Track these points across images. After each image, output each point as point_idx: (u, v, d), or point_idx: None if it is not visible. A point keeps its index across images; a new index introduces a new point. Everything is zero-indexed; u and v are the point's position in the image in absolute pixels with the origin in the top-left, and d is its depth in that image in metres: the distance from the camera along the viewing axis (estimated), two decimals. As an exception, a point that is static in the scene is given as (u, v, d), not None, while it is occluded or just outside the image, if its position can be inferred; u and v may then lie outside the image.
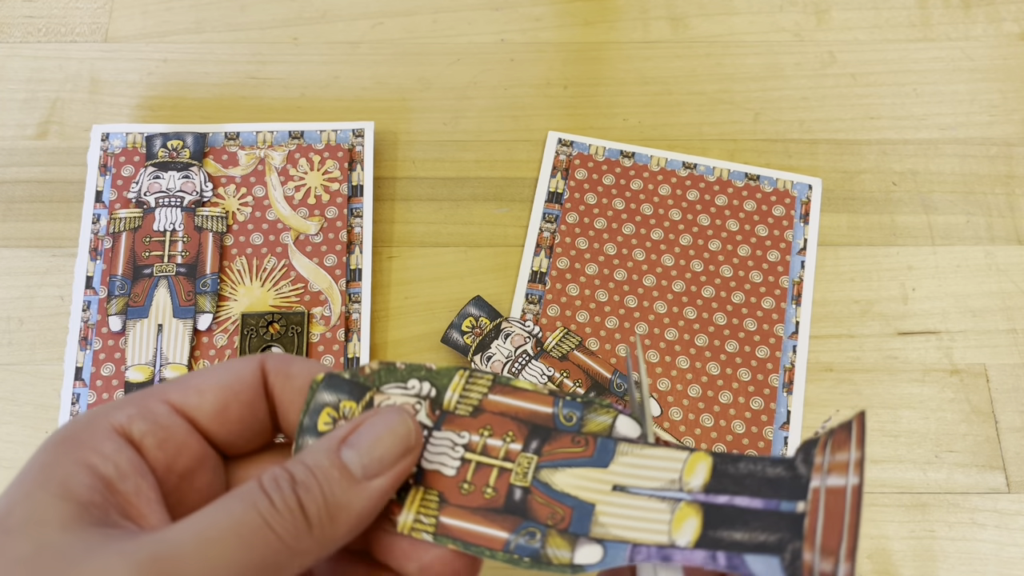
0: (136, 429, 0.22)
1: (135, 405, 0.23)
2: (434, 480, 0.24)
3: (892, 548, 0.40)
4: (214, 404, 0.23)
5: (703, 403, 0.42)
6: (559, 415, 0.25)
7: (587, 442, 0.24)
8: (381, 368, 0.25)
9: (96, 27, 0.51)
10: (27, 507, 0.20)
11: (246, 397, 0.24)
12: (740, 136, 0.48)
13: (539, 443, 0.24)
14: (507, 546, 0.23)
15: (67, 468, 0.21)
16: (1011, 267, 0.45)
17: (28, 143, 0.48)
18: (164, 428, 0.23)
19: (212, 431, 0.24)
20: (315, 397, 0.25)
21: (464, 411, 0.25)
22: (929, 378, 0.43)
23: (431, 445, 0.25)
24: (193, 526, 0.20)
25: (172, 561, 0.19)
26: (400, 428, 0.23)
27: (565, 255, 0.45)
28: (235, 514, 0.20)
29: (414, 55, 0.50)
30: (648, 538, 0.22)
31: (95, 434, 0.22)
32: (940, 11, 0.51)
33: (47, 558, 0.19)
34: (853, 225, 0.46)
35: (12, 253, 0.45)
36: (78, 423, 0.22)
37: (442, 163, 0.48)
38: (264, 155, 0.46)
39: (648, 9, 0.52)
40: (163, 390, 0.23)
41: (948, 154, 0.48)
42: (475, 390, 0.25)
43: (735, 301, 0.44)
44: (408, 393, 0.25)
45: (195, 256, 0.44)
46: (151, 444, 0.22)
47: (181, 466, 0.23)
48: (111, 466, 0.21)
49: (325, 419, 0.24)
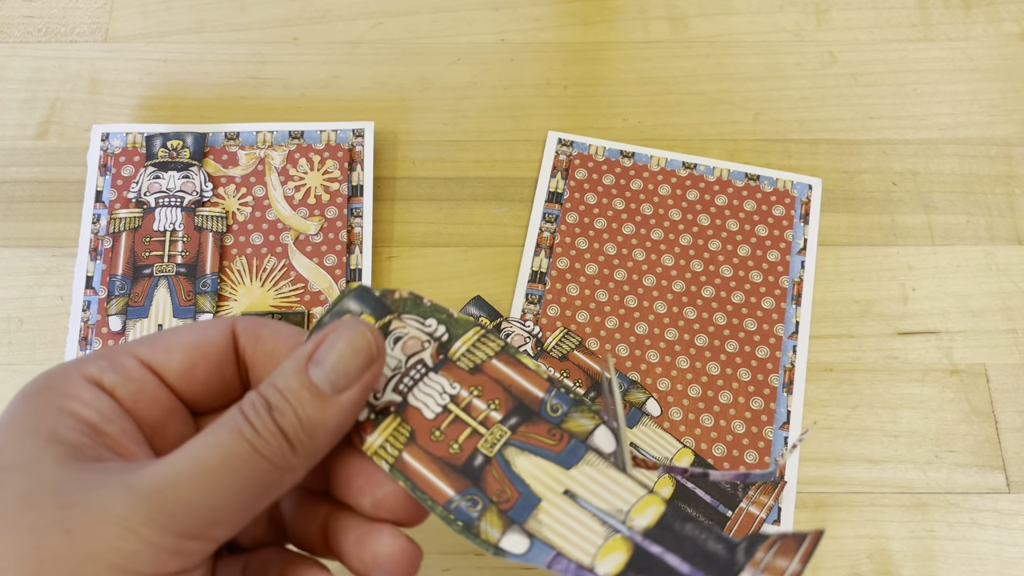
0: (108, 380, 0.23)
1: (105, 358, 0.23)
2: (412, 416, 0.25)
3: (892, 548, 0.40)
4: (181, 363, 0.24)
5: (703, 403, 0.42)
6: (548, 402, 0.25)
7: (562, 438, 0.24)
8: (410, 298, 0.26)
9: (96, 27, 0.51)
10: (18, 450, 0.21)
11: (214, 359, 0.25)
12: (740, 136, 0.48)
13: (518, 421, 0.25)
14: (448, 504, 0.24)
15: (51, 415, 0.22)
16: (1011, 267, 0.45)
17: (28, 143, 0.48)
18: (134, 381, 0.23)
19: (179, 388, 0.24)
20: (341, 302, 0.26)
21: (465, 365, 0.25)
22: (929, 378, 0.43)
23: (424, 384, 0.25)
24: (187, 456, 0.21)
25: (172, 490, 0.20)
26: (359, 341, 0.23)
27: (565, 255, 0.45)
28: (224, 443, 0.21)
29: (414, 55, 0.50)
30: (574, 552, 0.23)
31: (71, 384, 0.23)
32: (940, 11, 0.51)
33: (48, 491, 0.20)
34: (853, 225, 0.46)
35: (12, 253, 0.45)
36: (51, 375, 0.23)
37: (442, 163, 0.48)
38: (264, 155, 0.46)
39: (648, 9, 0.52)
40: (132, 347, 0.24)
41: (948, 154, 0.48)
42: (482, 350, 0.26)
43: (735, 301, 0.44)
44: (423, 329, 0.26)
45: (195, 256, 0.44)
46: (124, 395, 0.23)
47: (153, 417, 0.24)
48: (93, 411, 0.22)
49: None
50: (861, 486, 0.41)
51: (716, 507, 0.39)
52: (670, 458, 0.40)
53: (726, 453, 0.41)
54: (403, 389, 0.25)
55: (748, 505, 0.39)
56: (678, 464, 0.40)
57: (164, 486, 0.20)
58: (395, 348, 0.26)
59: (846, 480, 0.41)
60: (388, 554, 0.24)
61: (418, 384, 0.25)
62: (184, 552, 0.20)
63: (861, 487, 0.41)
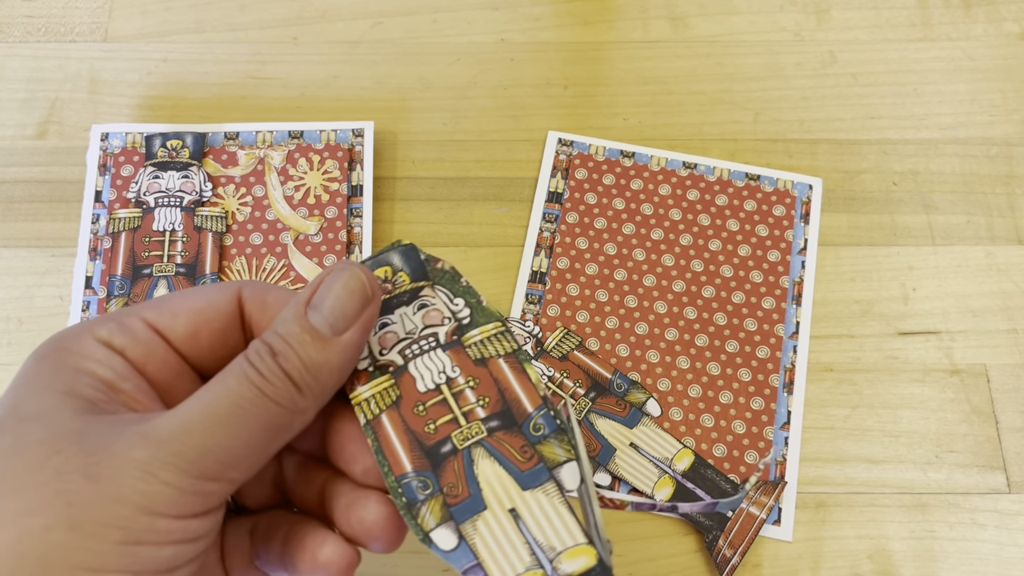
0: (118, 342, 0.24)
1: (113, 320, 0.24)
2: (406, 383, 0.25)
3: (892, 548, 0.39)
4: (186, 327, 0.25)
5: (703, 403, 0.42)
6: (533, 419, 0.25)
7: (532, 457, 0.24)
8: (449, 271, 0.27)
9: (96, 27, 0.51)
10: (36, 402, 0.21)
11: (218, 324, 0.25)
12: (740, 136, 0.48)
13: (498, 425, 0.25)
14: (402, 477, 0.24)
15: (67, 372, 0.22)
16: (1011, 267, 0.45)
17: (27, 143, 0.48)
18: (143, 343, 0.24)
19: (185, 352, 0.25)
20: (387, 253, 0.26)
21: (472, 354, 0.26)
22: (929, 378, 0.43)
23: (428, 358, 0.26)
24: (198, 404, 0.22)
25: (187, 435, 0.21)
26: (353, 282, 0.24)
27: (565, 255, 0.45)
28: (232, 388, 0.22)
29: (414, 55, 0.50)
30: (492, 570, 0.23)
31: (84, 344, 0.23)
32: (940, 11, 0.51)
33: (69, 439, 0.21)
34: (853, 225, 0.46)
35: (12, 253, 0.45)
36: (63, 337, 0.23)
37: (442, 163, 0.48)
38: (264, 155, 0.46)
39: (648, 9, 0.52)
40: (138, 309, 0.25)
41: (948, 154, 0.48)
42: (494, 346, 0.26)
43: (735, 301, 0.44)
44: (450, 306, 0.26)
45: (195, 256, 0.43)
46: (133, 356, 0.24)
47: (162, 378, 0.24)
48: (108, 370, 0.23)
49: (379, 274, 0.26)
50: (861, 486, 0.41)
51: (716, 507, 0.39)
52: (670, 459, 0.40)
53: (726, 453, 0.41)
54: (408, 355, 0.26)
55: (748, 506, 0.39)
56: (677, 464, 0.40)
57: (179, 432, 0.21)
58: (417, 314, 0.26)
59: (846, 480, 0.41)
60: (374, 520, 0.25)
61: (424, 355, 0.26)
62: (203, 493, 0.21)
63: (861, 487, 0.41)
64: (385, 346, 0.26)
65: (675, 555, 0.39)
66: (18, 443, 0.21)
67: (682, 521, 0.40)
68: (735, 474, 0.40)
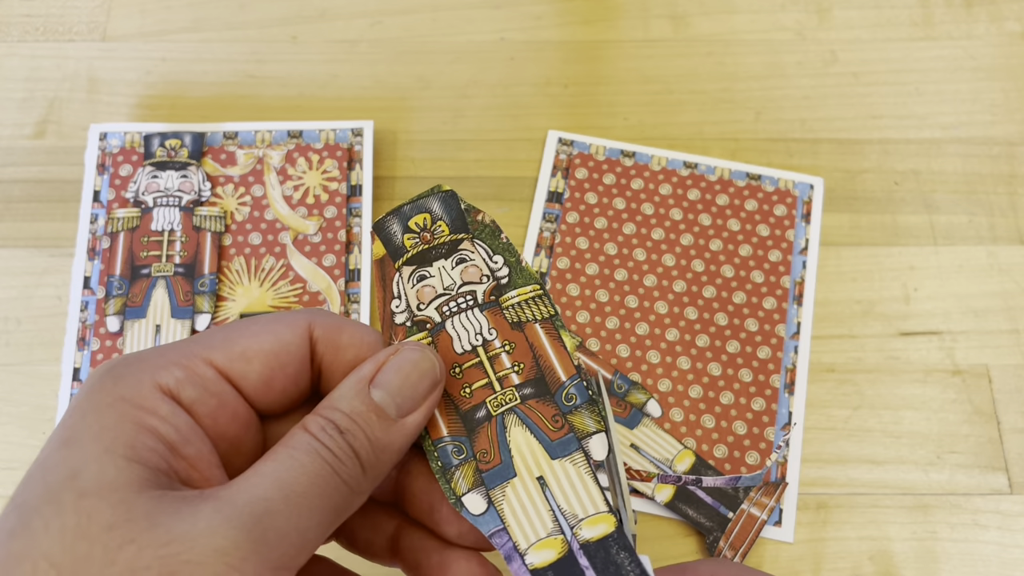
0: (186, 395, 0.22)
1: (180, 367, 0.22)
2: (443, 342, 0.25)
3: (894, 549, 0.39)
4: (260, 374, 0.23)
5: (704, 404, 0.42)
6: (566, 388, 0.25)
7: (563, 427, 0.25)
8: (490, 225, 0.26)
9: (94, 26, 0.51)
10: (96, 469, 0.19)
11: (292, 369, 0.23)
12: (741, 135, 0.48)
13: (531, 393, 0.25)
14: (439, 441, 0.24)
15: (129, 431, 0.20)
16: (1014, 267, 0.45)
17: (25, 142, 0.48)
18: (214, 396, 0.22)
19: (255, 401, 0.23)
20: (427, 199, 0.26)
21: (510, 316, 0.25)
22: (931, 379, 0.43)
23: (466, 317, 0.25)
24: (272, 480, 0.20)
25: (270, 517, 0.20)
26: (425, 364, 0.23)
27: (565, 255, 0.44)
28: (307, 465, 0.21)
29: (413, 54, 0.50)
30: (516, 534, 0.24)
31: (147, 395, 0.21)
32: (942, 10, 0.51)
33: (141, 524, 0.19)
34: (855, 225, 0.46)
35: (9, 253, 0.45)
36: (122, 383, 0.21)
37: (442, 162, 0.47)
38: (262, 154, 0.46)
39: (649, 8, 0.51)
40: (207, 349, 0.23)
41: (950, 154, 0.48)
42: (532, 309, 0.26)
43: (736, 301, 0.44)
44: (489, 263, 0.26)
45: (193, 256, 0.43)
46: (203, 411, 0.22)
47: (230, 434, 0.23)
48: (172, 429, 0.21)
49: (418, 220, 0.26)
50: (863, 487, 0.41)
51: (717, 508, 0.39)
52: (671, 460, 0.40)
53: (727, 454, 0.41)
54: (446, 312, 0.25)
55: (749, 507, 0.39)
56: (678, 465, 0.40)
57: (261, 513, 0.20)
58: (456, 269, 0.26)
59: (848, 481, 0.41)
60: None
61: (462, 314, 0.25)
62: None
63: (863, 488, 0.41)
64: (423, 300, 0.25)
65: (676, 557, 0.39)
66: (83, 526, 0.18)
67: (683, 523, 0.40)
68: (736, 475, 0.40)
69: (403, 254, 0.26)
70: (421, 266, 0.26)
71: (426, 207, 0.26)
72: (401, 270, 0.26)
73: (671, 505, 0.39)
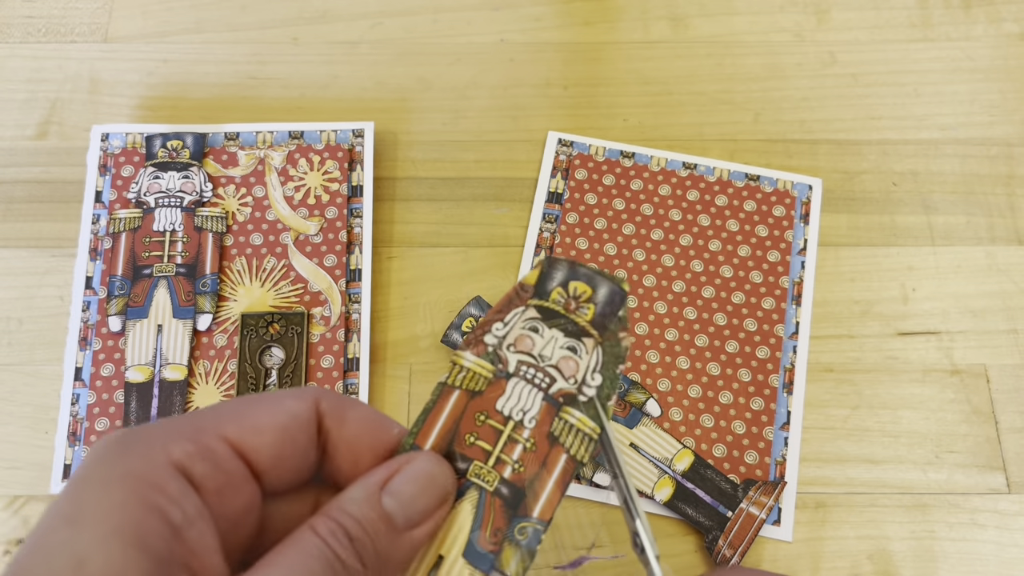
0: (197, 471, 0.21)
1: (192, 441, 0.21)
2: (495, 389, 0.25)
3: (892, 549, 0.39)
4: (272, 447, 0.22)
5: (703, 403, 0.42)
6: (528, 524, 0.24)
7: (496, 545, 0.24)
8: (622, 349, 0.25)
9: (96, 27, 0.51)
10: (104, 560, 0.18)
11: (301, 442, 0.23)
12: (740, 136, 0.48)
13: (505, 494, 0.24)
14: (415, 448, 0.24)
15: (138, 512, 0.19)
16: (1011, 267, 0.45)
17: (28, 143, 0.48)
18: (225, 473, 0.22)
19: (264, 474, 0.23)
20: (601, 279, 0.25)
21: (555, 426, 0.25)
22: (929, 378, 0.43)
23: (528, 391, 0.25)
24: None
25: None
26: (440, 479, 0.23)
27: (565, 255, 0.45)
28: None
29: (414, 55, 0.50)
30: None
31: (158, 471, 0.20)
32: (940, 11, 0.51)
33: None
34: (853, 225, 0.46)
35: (12, 253, 0.45)
36: (133, 455, 0.20)
37: (442, 163, 0.48)
38: (264, 155, 0.46)
39: (648, 9, 0.52)
40: (218, 423, 0.22)
41: (948, 154, 0.48)
42: (574, 440, 0.25)
43: (735, 301, 0.44)
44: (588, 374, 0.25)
45: (195, 256, 0.43)
46: (210, 488, 0.21)
47: (233, 512, 0.22)
48: (179, 512, 0.20)
49: (579, 287, 0.25)
50: (861, 487, 0.41)
51: (716, 507, 0.39)
52: (670, 459, 0.40)
53: (726, 454, 0.41)
54: (520, 372, 0.25)
55: (748, 506, 0.39)
56: (677, 464, 0.40)
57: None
58: (561, 350, 0.25)
59: (846, 481, 0.41)
60: None
61: (528, 385, 0.25)
62: None
63: (861, 488, 0.41)
64: (516, 345, 0.25)
65: (675, 555, 0.39)
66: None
67: (682, 521, 0.40)
68: (735, 474, 0.40)
69: (543, 299, 0.26)
70: (543, 320, 0.25)
71: (595, 284, 0.26)
72: (528, 308, 0.26)
73: (670, 504, 0.39)
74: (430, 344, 0.43)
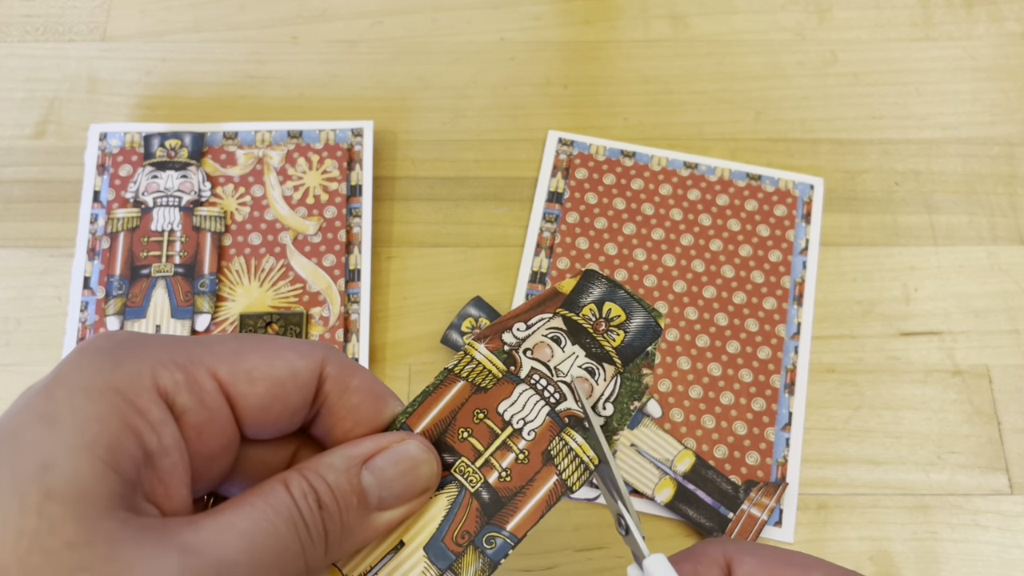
0: (180, 401, 0.21)
1: (182, 370, 0.21)
2: (501, 390, 0.24)
3: (894, 550, 0.39)
4: (261, 399, 0.22)
5: (704, 404, 0.42)
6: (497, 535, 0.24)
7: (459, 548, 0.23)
8: (640, 385, 0.25)
9: (94, 26, 0.51)
10: (71, 469, 0.18)
11: (293, 401, 0.22)
12: (741, 135, 0.48)
13: (486, 499, 0.24)
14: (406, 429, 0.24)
15: (115, 430, 0.19)
16: (1014, 267, 0.45)
17: (25, 143, 0.48)
18: (208, 411, 0.21)
19: (246, 424, 0.22)
20: (638, 308, 0.24)
21: (553, 444, 0.24)
22: (931, 379, 0.43)
23: (534, 401, 0.24)
24: (247, 546, 0.19)
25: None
26: (424, 468, 0.22)
27: (565, 255, 0.44)
28: (282, 538, 0.20)
29: (413, 54, 0.50)
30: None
31: (142, 393, 0.20)
32: (942, 10, 0.51)
33: (100, 552, 0.17)
34: (855, 225, 0.46)
35: (9, 253, 0.45)
36: (123, 371, 0.20)
37: (441, 163, 0.47)
38: (262, 155, 0.46)
39: (649, 8, 0.51)
40: (213, 358, 0.21)
41: (950, 154, 0.48)
42: (568, 463, 0.24)
43: (736, 302, 0.44)
44: (600, 401, 0.24)
45: (193, 256, 0.43)
46: (191, 422, 0.21)
47: (208, 450, 0.21)
48: (155, 439, 0.20)
49: (613, 310, 0.25)
50: (863, 487, 0.41)
51: (717, 509, 0.39)
52: (671, 460, 0.40)
53: (727, 455, 0.41)
54: (531, 379, 0.24)
55: (749, 507, 0.39)
56: (678, 465, 0.40)
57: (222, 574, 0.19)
58: (579, 369, 0.24)
59: (848, 482, 0.41)
60: None
61: (535, 396, 0.24)
62: None
63: (863, 488, 0.41)
64: (534, 351, 0.24)
65: (676, 557, 0.39)
66: (42, 536, 0.17)
67: (683, 522, 0.40)
68: (736, 475, 0.40)
69: (575, 313, 0.25)
70: (568, 334, 0.25)
71: (630, 311, 0.25)
72: (555, 316, 0.25)
73: (671, 505, 0.39)
74: (429, 344, 0.43)
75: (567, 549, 0.39)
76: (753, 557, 0.24)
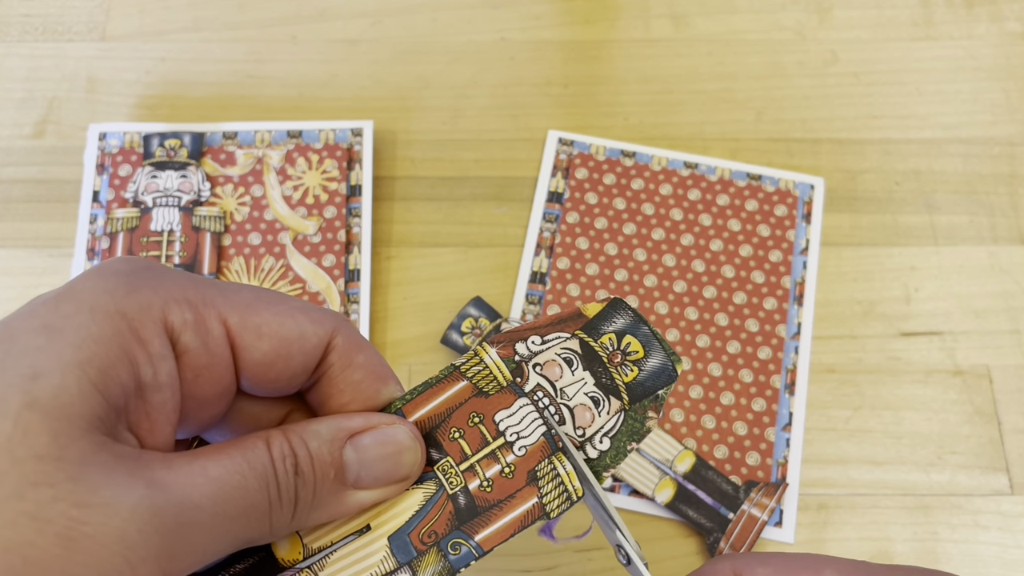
0: (185, 340, 0.20)
1: (193, 309, 0.21)
2: (502, 397, 0.24)
3: (895, 550, 0.39)
4: (264, 355, 0.21)
5: (704, 404, 0.42)
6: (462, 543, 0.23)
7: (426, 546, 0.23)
8: (643, 429, 0.24)
9: (93, 26, 0.51)
10: (58, 382, 0.18)
11: (296, 364, 0.22)
12: (742, 135, 0.48)
13: (462, 505, 0.23)
14: (401, 415, 0.24)
15: (113, 355, 0.19)
16: (1014, 267, 0.45)
17: (25, 142, 0.48)
18: (210, 355, 0.21)
19: (247, 375, 0.22)
20: (658, 349, 0.24)
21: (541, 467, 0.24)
22: (932, 379, 0.43)
23: (530, 418, 0.24)
24: (215, 492, 0.19)
25: (190, 528, 0.19)
26: (408, 456, 0.22)
27: (565, 255, 0.44)
28: (251, 494, 0.20)
29: (413, 53, 0.50)
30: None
31: (148, 325, 0.20)
32: (943, 10, 0.51)
33: (67, 470, 0.17)
34: (856, 225, 0.46)
35: (9, 253, 0.45)
36: (134, 299, 0.20)
37: (441, 162, 0.47)
38: (262, 154, 0.46)
39: (649, 7, 0.51)
40: (226, 305, 0.21)
41: (951, 154, 0.48)
42: (551, 488, 0.24)
43: (737, 302, 0.44)
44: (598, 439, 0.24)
45: (193, 256, 0.43)
46: (190, 363, 0.21)
47: (201, 395, 0.21)
48: (151, 371, 0.20)
49: (633, 345, 0.24)
50: (863, 488, 0.41)
51: (718, 509, 0.39)
52: (671, 460, 0.40)
53: (728, 455, 0.41)
54: (536, 397, 0.24)
55: (750, 507, 0.39)
56: (679, 465, 0.40)
57: (186, 522, 0.19)
58: (583, 396, 0.24)
59: (848, 482, 0.41)
60: None
61: (533, 412, 0.24)
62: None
63: (864, 489, 0.41)
64: (544, 369, 0.24)
65: (676, 557, 0.39)
66: (14, 442, 0.17)
67: (683, 523, 0.40)
68: (736, 476, 0.40)
69: (593, 339, 0.24)
70: (582, 358, 0.24)
71: (649, 349, 0.24)
72: (572, 338, 0.25)
73: (671, 506, 0.39)
74: (429, 345, 0.43)
75: (567, 549, 0.39)
76: (764, 567, 0.24)
